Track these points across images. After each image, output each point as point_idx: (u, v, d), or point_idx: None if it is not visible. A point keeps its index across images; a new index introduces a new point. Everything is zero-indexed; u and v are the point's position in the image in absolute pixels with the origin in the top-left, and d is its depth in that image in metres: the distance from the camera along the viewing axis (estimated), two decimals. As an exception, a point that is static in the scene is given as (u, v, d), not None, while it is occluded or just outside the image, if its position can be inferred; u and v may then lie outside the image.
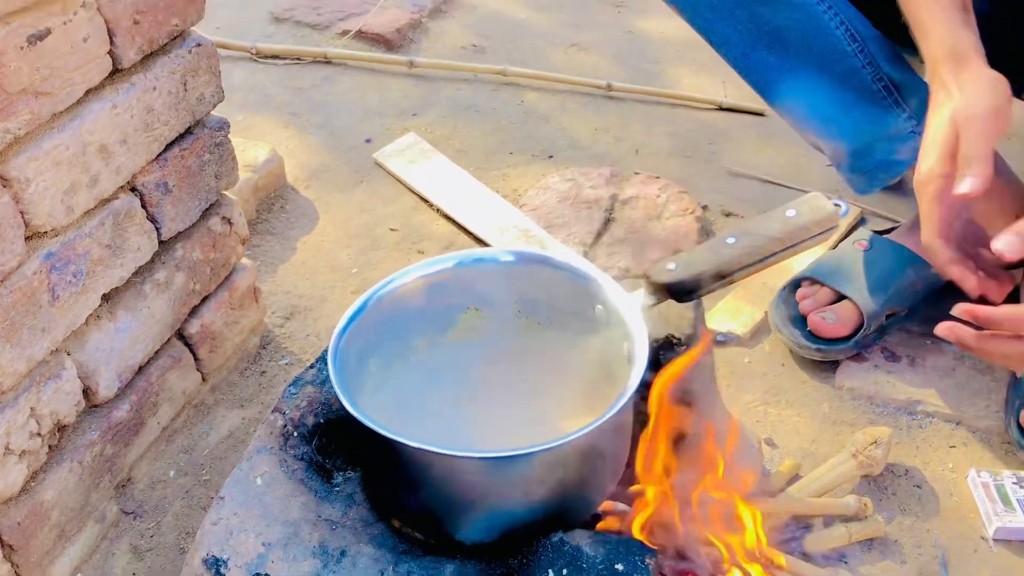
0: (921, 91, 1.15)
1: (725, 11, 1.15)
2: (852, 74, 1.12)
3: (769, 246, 0.77)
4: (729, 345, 1.21)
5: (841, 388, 1.14)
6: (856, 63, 1.12)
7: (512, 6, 2.08)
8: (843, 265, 1.17)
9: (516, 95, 1.75)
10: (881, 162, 1.15)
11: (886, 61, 1.12)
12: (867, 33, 1.12)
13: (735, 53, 1.19)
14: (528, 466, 0.68)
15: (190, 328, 1.06)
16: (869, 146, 1.14)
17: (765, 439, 1.07)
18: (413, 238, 1.40)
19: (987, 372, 1.13)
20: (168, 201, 0.97)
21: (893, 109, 1.13)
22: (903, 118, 1.12)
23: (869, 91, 1.13)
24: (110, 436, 0.95)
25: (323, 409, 0.80)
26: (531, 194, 1.47)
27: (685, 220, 1.40)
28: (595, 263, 1.33)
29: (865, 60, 1.11)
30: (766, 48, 1.16)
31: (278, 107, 1.70)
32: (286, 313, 1.26)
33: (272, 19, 1.98)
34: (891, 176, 1.16)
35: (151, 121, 0.93)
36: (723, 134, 1.64)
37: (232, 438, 1.09)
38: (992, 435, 1.07)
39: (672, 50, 1.89)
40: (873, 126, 1.13)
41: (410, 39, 1.91)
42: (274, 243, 1.39)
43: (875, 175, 1.16)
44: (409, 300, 0.82)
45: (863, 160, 1.15)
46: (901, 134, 1.13)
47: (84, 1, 0.81)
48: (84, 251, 0.87)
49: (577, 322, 0.82)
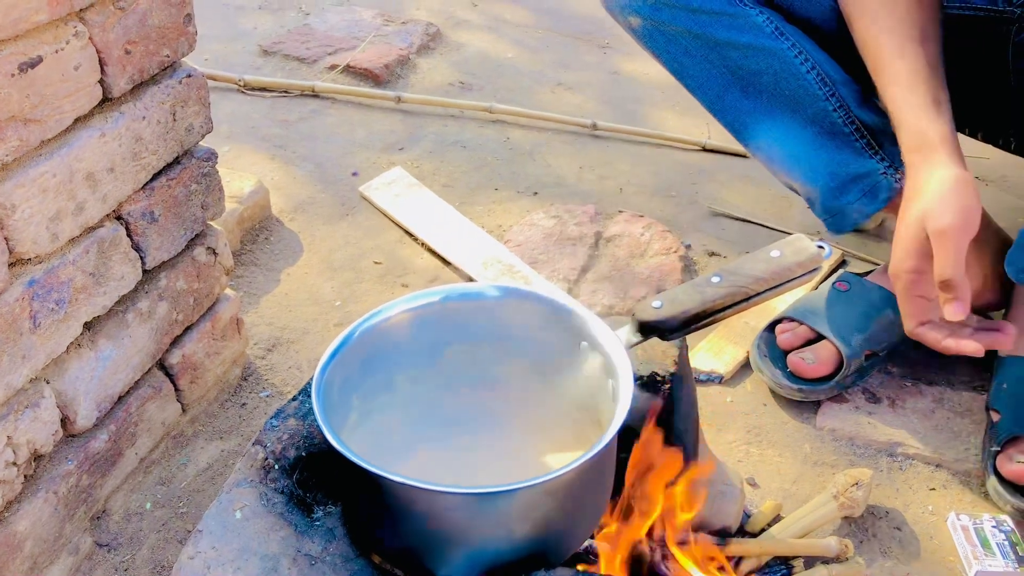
0: (892, 134, 1.18)
1: (699, 56, 1.18)
2: (823, 117, 1.15)
3: (753, 286, 0.78)
4: (712, 384, 1.21)
5: (822, 429, 1.14)
6: (827, 106, 1.14)
7: (499, 45, 2.11)
8: (822, 306, 1.18)
9: (502, 132, 1.76)
10: (854, 203, 1.16)
11: (857, 105, 1.14)
12: (838, 77, 1.15)
13: (710, 96, 1.22)
14: (511, 503, 0.68)
15: (171, 358, 1.05)
16: (842, 187, 1.16)
17: (747, 479, 1.07)
18: (397, 271, 1.40)
19: (966, 415, 1.14)
20: (154, 230, 0.97)
21: (865, 151, 1.15)
22: (875, 160, 1.15)
23: (841, 133, 1.15)
24: (87, 467, 0.94)
25: (305, 442, 0.80)
26: (516, 230, 1.47)
27: (668, 259, 1.41)
28: (579, 300, 1.33)
29: (836, 104, 1.14)
30: (739, 92, 1.18)
31: (265, 139, 1.70)
32: (268, 345, 1.26)
33: (261, 52, 1.99)
34: (863, 217, 1.17)
35: (139, 150, 0.93)
36: (706, 174, 1.66)
37: (211, 470, 1.08)
38: (971, 478, 1.08)
39: (657, 92, 1.92)
40: (845, 168, 1.15)
41: (398, 75, 1.93)
42: (258, 274, 1.38)
43: (848, 216, 1.18)
44: (394, 334, 0.82)
45: (836, 201, 1.17)
46: (873, 175, 1.15)
47: (76, 30, 0.82)
48: (67, 279, 0.86)
49: (562, 358, 0.82)
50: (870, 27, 1.06)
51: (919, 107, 0.98)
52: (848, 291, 1.19)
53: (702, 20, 1.15)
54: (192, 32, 0.98)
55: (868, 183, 1.16)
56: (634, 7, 1.18)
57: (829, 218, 1.20)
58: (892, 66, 1.02)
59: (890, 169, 1.14)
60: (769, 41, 1.14)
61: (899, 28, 1.03)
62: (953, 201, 0.90)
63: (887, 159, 1.15)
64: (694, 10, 1.15)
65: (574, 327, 0.80)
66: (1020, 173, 1.64)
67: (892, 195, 1.15)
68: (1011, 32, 1.20)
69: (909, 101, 0.99)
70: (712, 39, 1.16)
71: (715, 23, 1.15)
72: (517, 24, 2.22)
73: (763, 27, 1.14)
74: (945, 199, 0.90)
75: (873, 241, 1.46)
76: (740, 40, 1.15)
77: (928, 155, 0.95)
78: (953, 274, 0.88)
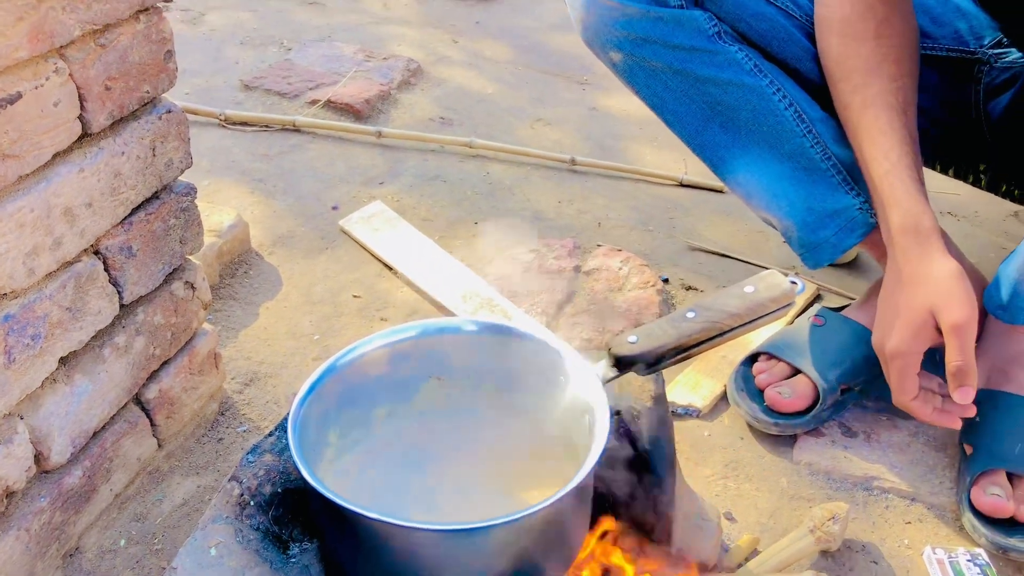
0: None
1: (679, 91, 1.20)
2: (801, 153, 1.17)
3: (727, 321, 0.79)
4: (689, 418, 1.21)
5: (799, 463, 1.15)
6: (805, 142, 1.16)
7: (479, 81, 2.13)
8: (798, 340, 1.19)
9: (482, 167, 1.78)
10: (830, 238, 1.18)
11: (834, 141, 1.17)
12: (815, 115, 1.17)
13: (689, 131, 1.24)
14: (487, 539, 0.68)
15: (148, 393, 1.05)
16: (818, 222, 1.18)
17: (724, 513, 1.07)
18: (376, 305, 1.41)
19: (941, 449, 1.15)
20: (132, 265, 0.97)
21: (841, 187, 1.17)
22: (851, 196, 1.17)
23: (818, 169, 1.17)
24: (60, 503, 0.93)
25: (281, 478, 0.79)
26: (495, 264, 1.48)
27: (646, 292, 1.42)
28: (558, 333, 1.34)
29: (813, 140, 1.16)
30: (718, 127, 1.20)
31: (245, 173, 1.71)
32: (246, 379, 1.25)
33: (242, 87, 2.00)
34: (840, 252, 1.19)
35: (118, 185, 0.93)
36: (683, 209, 1.68)
37: (186, 506, 1.07)
38: (946, 511, 1.09)
39: (635, 127, 1.94)
40: (822, 203, 1.17)
41: (379, 110, 1.94)
42: (236, 308, 1.38)
43: (824, 251, 1.20)
44: (371, 369, 0.82)
45: (813, 236, 1.19)
46: (849, 211, 1.17)
47: (57, 67, 0.82)
48: (43, 314, 0.86)
49: (539, 393, 0.82)
50: (853, 95, 1.09)
51: (909, 189, 1.03)
52: (824, 326, 1.20)
53: (682, 56, 1.17)
54: (173, 68, 0.98)
55: (845, 218, 1.17)
56: (615, 42, 1.19)
57: (806, 252, 1.21)
58: (877, 141, 1.05)
59: (866, 205, 1.16)
60: (748, 78, 1.16)
61: (882, 98, 1.06)
62: (963, 296, 0.97)
63: (863, 195, 1.17)
64: (674, 46, 1.17)
65: (550, 362, 0.81)
66: (991, 209, 1.67)
67: (868, 230, 1.17)
68: (980, 72, 1.23)
69: (901, 179, 1.04)
70: (692, 75, 1.18)
71: (695, 59, 1.17)
72: (497, 60, 2.24)
73: (742, 64, 1.16)
74: (955, 293, 0.97)
75: (849, 276, 1.48)
76: (720, 76, 1.17)
77: (922, 242, 1.01)
78: (967, 363, 0.95)
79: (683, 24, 1.16)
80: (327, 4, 2.51)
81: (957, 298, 0.96)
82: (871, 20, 1.09)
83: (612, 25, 1.18)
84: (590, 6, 1.19)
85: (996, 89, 1.22)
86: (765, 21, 1.18)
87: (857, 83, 1.09)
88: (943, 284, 0.98)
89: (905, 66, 1.09)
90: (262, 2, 2.48)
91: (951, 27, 1.24)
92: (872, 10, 1.09)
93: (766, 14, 1.18)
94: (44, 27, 0.79)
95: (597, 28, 1.20)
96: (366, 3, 2.54)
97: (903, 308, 1.00)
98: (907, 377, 1.01)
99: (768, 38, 1.18)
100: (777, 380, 1.17)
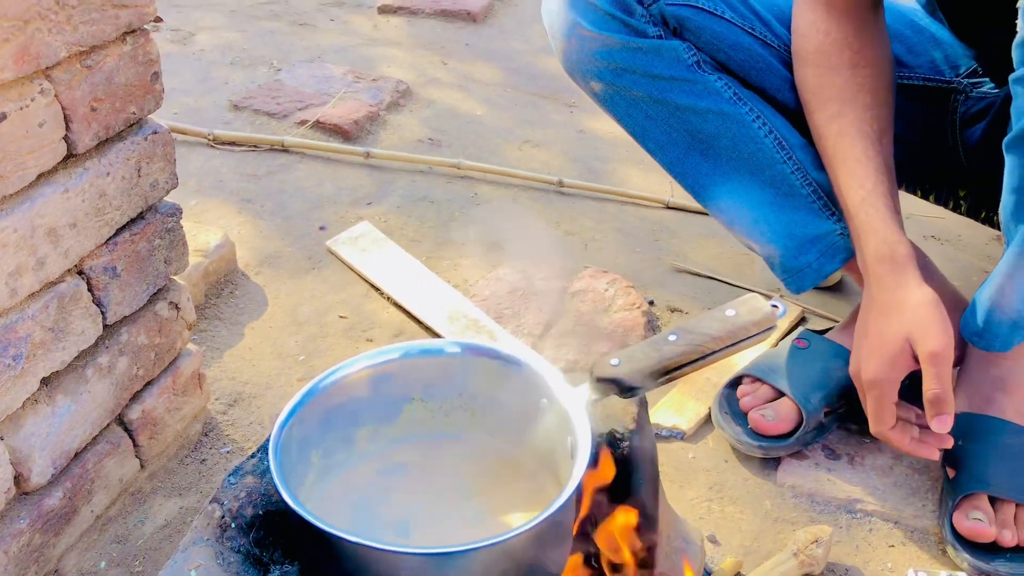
0: None
1: (660, 119, 1.21)
2: (781, 179, 1.18)
3: (709, 344, 0.79)
4: (674, 440, 1.22)
5: (783, 485, 1.15)
6: (785, 169, 1.17)
7: (468, 103, 2.14)
8: (782, 363, 1.20)
9: (470, 188, 1.78)
10: (812, 263, 1.19)
11: (814, 167, 1.18)
12: (795, 141, 1.19)
13: (670, 158, 1.25)
14: (469, 563, 0.68)
15: (131, 414, 1.04)
16: (800, 248, 1.19)
17: (708, 536, 1.07)
18: (363, 326, 1.40)
19: (924, 472, 1.16)
20: (116, 285, 0.97)
21: (822, 212, 1.18)
22: (831, 221, 1.18)
23: (798, 195, 1.18)
24: (40, 525, 0.93)
25: (263, 500, 0.79)
26: (482, 285, 1.48)
27: (632, 314, 1.42)
28: (543, 355, 1.33)
29: (794, 166, 1.17)
30: (699, 155, 1.21)
31: (233, 193, 1.71)
32: (230, 400, 1.25)
33: (231, 107, 2.00)
34: (822, 277, 1.20)
35: (103, 206, 0.93)
36: (670, 231, 1.69)
37: (168, 528, 1.06)
38: (929, 535, 1.09)
39: (621, 150, 1.96)
40: (803, 229, 1.18)
41: (367, 130, 1.95)
42: (221, 328, 1.38)
43: (806, 276, 1.20)
44: (354, 390, 0.82)
45: (795, 261, 1.20)
46: (831, 236, 1.18)
47: (42, 88, 0.83)
48: (26, 334, 0.86)
49: (522, 415, 0.82)
50: (829, 125, 1.11)
51: (885, 217, 1.05)
52: (807, 348, 1.21)
53: (662, 86, 1.18)
54: (159, 90, 0.99)
55: (826, 244, 1.18)
56: (596, 72, 1.20)
57: (788, 278, 1.22)
58: (853, 170, 1.07)
59: (847, 230, 1.17)
60: (728, 106, 1.17)
61: (858, 126, 1.08)
62: (939, 324, 0.98)
63: (843, 220, 1.18)
64: (654, 76, 1.18)
65: (533, 383, 0.81)
66: (974, 233, 1.68)
67: (849, 255, 1.17)
68: (956, 101, 1.24)
69: (876, 207, 1.05)
70: (672, 104, 1.19)
71: (675, 88, 1.18)
72: (486, 83, 2.26)
73: (722, 92, 1.17)
74: (931, 322, 0.99)
75: (833, 298, 1.49)
76: (699, 105, 1.18)
77: (898, 270, 1.03)
78: (944, 391, 0.96)
79: (662, 54, 1.17)
80: (317, 25, 2.52)
81: (933, 326, 0.98)
82: (846, 51, 1.11)
83: (593, 55, 1.19)
84: (571, 36, 1.20)
85: (972, 118, 1.23)
86: (743, 51, 1.19)
87: (832, 113, 1.10)
88: (919, 312, 0.99)
89: (880, 95, 1.10)
90: (252, 23, 2.49)
91: (927, 56, 1.26)
92: (847, 41, 1.11)
93: (743, 44, 1.19)
94: (30, 48, 0.80)
95: (578, 58, 1.21)
96: (356, 25, 2.56)
97: (879, 337, 1.01)
98: (884, 407, 1.02)
99: (746, 67, 1.20)
100: (761, 403, 1.18)
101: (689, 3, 1.18)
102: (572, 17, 1.19)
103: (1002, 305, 1.03)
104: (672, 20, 1.18)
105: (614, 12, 1.17)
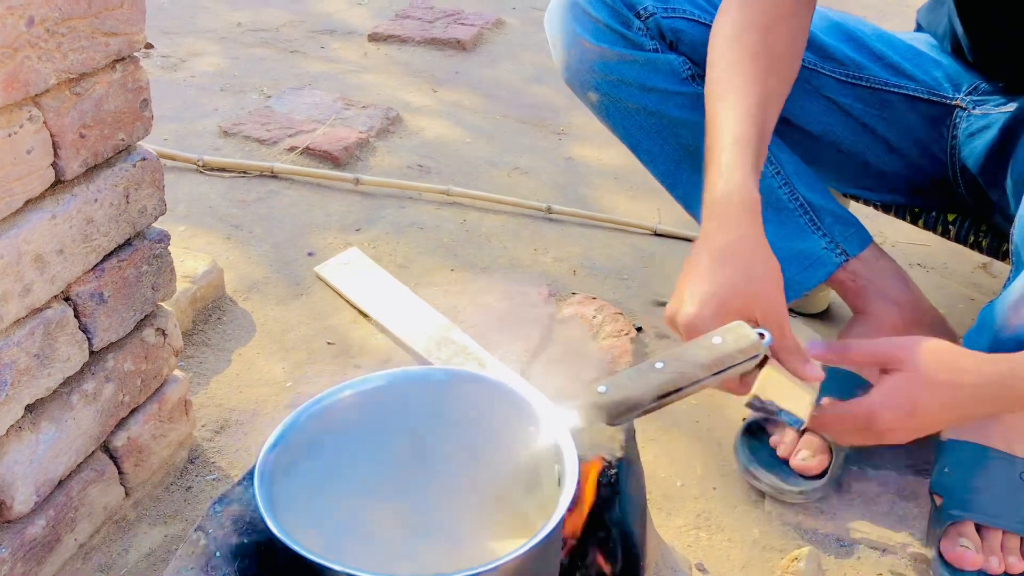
0: (835, 213, 1.23)
1: (653, 131, 1.23)
2: (769, 193, 1.19)
3: (696, 372, 0.79)
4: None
5: (771, 513, 1.15)
6: (773, 183, 1.19)
7: (458, 130, 2.16)
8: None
9: (459, 214, 1.79)
10: (795, 276, 1.20)
11: (802, 184, 1.19)
12: (784, 157, 1.20)
13: (662, 169, 1.27)
14: (455, 591, 0.67)
15: (116, 440, 1.04)
16: (784, 261, 1.18)
17: (696, 564, 1.07)
18: (351, 352, 1.40)
19: (912, 499, 1.16)
20: (102, 312, 0.97)
21: (808, 227, 1.19)
22: (817, 236, 1.19)
23: (785, 209, 1.19)
24: (22, 554, 0.91)
25: (249, 529, 0.78)
26: (470, 311, 1.48)
27: (620, 341, 1.43)
28: (532, 381, 1.33)
29: (781, 181, 1.19)
30: (690, 167, 1.23)
31: (221, 219, 1.71)
32: (217, 426, 1.24)
33: (221, 133, 2.01)
34: (805, 289, 1.21)
35: (90, 232, 0.93)
36: (658, 258, 1.69)
37: (152, 556, 1.05)
38: (917, 562, 1.09)
39: (610, 177, 1.97)
40: (788, 243, 1.19)
41: (357, 157, 1.96)
42: (209, 355, 1.37)
43: (789, 289, 1.20)
44: (340, 417, 0.81)
45: None
46: (815, 250, 1.19)
47: (31, 114, 0.83)
48: (11, 361, 0.85)
49: (508, 442, 0.82)
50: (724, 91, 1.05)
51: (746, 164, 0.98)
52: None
53: (656, 98, 1.20)
54: (148, 116, 0.99)
55: (810, 257, 1.20)
56: (593, 83, 1.23)
57: None
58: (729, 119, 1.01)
59: (831, 245, 1.19)
60: None
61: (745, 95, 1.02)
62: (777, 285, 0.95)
63: (828, 235, 1.19)
64: (649, 88, 1.20)
65: (520, 410, 0.81)
66: (960, 260, 1.70)
67: (833, 269, 1.19)
68: (957, 118, 1.25)
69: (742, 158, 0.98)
70: (666, 116, 1.21)
71: (669, 101, 1.20)
72: (475, 110, 2.27)
73: None
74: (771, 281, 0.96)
75: (823, 325, 1.49)
76: (691, 118, 1.19)
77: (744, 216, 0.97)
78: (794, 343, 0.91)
79: (658, 67, 1.19)
80: (308, 52, 2.54)
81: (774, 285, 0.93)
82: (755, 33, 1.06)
83: (591, 67, 1.21)
84: (571, 48, 1.23)
85: (971, 136, 1.24)
86: None
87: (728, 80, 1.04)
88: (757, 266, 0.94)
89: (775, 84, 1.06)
90: (243, 49, 2.51)
91: (929, 75, 1.28)
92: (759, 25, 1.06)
93: None
94: (19, 75, 0.80)
95: (577, 69, 1.24)
96: (346, 52, 2.57)
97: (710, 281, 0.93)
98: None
99: None
100: (792, 445, 1.17)
101: (685, 16, 1.20)
102: (573, 28, 1.22)
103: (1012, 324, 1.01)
104: (668, 33, 1.20)
105: (613, 25, 1.19)
